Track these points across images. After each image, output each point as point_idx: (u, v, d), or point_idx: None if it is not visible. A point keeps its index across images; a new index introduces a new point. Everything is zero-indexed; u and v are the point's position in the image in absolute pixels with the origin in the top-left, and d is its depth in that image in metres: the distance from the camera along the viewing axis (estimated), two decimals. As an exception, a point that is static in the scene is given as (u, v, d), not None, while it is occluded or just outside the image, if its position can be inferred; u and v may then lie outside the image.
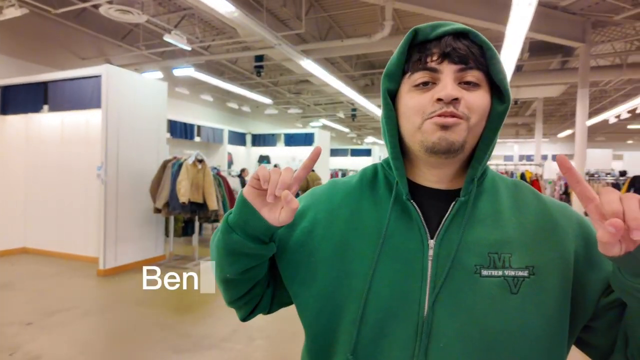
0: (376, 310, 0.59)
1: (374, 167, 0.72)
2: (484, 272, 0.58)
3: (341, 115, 12.91)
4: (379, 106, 11.14)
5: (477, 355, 0.56)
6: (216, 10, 4.58)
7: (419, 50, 0.60)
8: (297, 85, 10.55)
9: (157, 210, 5.07)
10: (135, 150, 5.18)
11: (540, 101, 12.45)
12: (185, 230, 5.75)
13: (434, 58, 0.58)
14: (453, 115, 0.56)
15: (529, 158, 17.59)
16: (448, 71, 0.58)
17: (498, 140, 0.66)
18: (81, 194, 5.40)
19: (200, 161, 5.22)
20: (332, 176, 14.15)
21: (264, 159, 12.29)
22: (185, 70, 7.35)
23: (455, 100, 0.57)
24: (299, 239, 0.67)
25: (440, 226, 0.61)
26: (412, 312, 0.58)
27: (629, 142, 20.41)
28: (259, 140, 12.36)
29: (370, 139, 21.56)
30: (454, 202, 0.62)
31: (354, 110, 12.86)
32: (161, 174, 5.12)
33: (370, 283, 0.60)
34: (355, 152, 18.20)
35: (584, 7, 6.32)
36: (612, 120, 12.84)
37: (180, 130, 9.35)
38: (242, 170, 8.92)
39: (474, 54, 0.58)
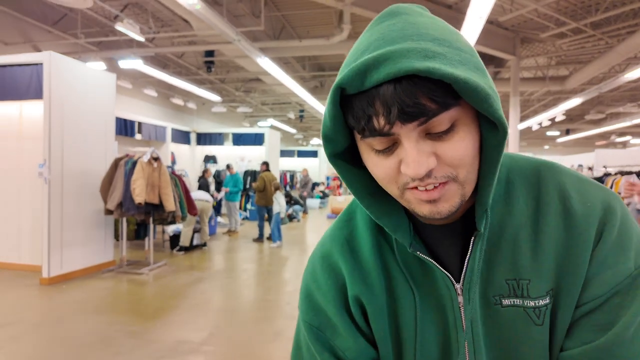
0: None
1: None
2: (505, 302, 0.51)
3: (291, 115, 12.92)
4: (329, 108, 11.36)
5: None
6: (177, 1, 4.39)
7: (357, 106, 0.44)
8: (247, 83, 10.37)
9: (109, 212, 4.72)
10: (82, 147, 4.77)
11: (473, 108, 13.48)
12: (138, 233, 5.41)
13: (382, 123, 0.42)
14: (431, 184, 0.45)
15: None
16: (407, 133, 0.43)
17: None
18: (14, 195, 4.85)
19: (156, 159, 4.95)
20: (281, 177, 14.10)
21: (210, 159, 11.89)
22: (133, 63, 6.90)
23: (428, 173, 0.44)
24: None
25: (465, 268, 0.52)
26: None
27: (546, 147, 22.84)
28: (205, 139, 11.93)
29: (315, 141, 21.80)
30: (473, 238, 0.51)
31: (302, 111, 12.94)
32: (113, 173, 4.77)
33: (418, 347, 0.55)
34: (302, 154, 18.32)
35: (515, 24, 7.00)
36: (535, 127, 14.34)
37: (120, 127, 8.73)
38: (205, 172, 8.57)
39: (434, 97, 0.41)
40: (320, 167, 18.40)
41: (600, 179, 6.20)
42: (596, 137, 18.31)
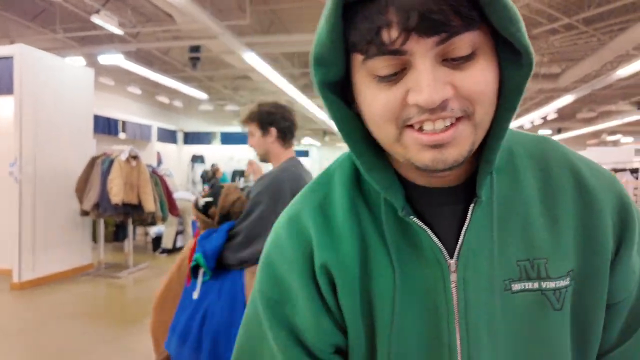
0: None
1: (352, 163, 0.50)
2: (515, 287, 0.43)
3: (280, 114, 12.74)
4: (320, 107, 11.17)
5: None
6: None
7: (365, 15, 0.36)
8: (234, 81, 10.16)
9: (85, 213, 4.49)
10: (57, 145, 4.54)
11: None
12: (117, 234, 5.19)
13: (394, 35, 0.35)
14: (445, 117, 0.37)
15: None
16: (422, 52, 0.35)
17: None
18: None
19: (135, 158, 4.73)
20: (270, 176, 13.93)
21: (197, 159, 11.67)
22: (113, 58, 6.66)
23: (443, 103, 0.37)
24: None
25: (461, 240, 0.44)
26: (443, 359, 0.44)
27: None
28: (192, 138, 11.70)
29: (307, 140, 21.61)
30: (472, 205, 0.43)
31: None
32: (89, 172, 4.54)
33: (390, 338, 0.45)
34: (293, 152, 18.14)
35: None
36: (528, 125, 14.32)
37: (103, 126, 8.47)
38: (215, 171, 8.32)
39: (461, 8, 0.34)
40: (312, 167, 18.23)
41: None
42: (588, 135, 18.40)
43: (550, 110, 11.29)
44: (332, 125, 0.47)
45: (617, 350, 0.47)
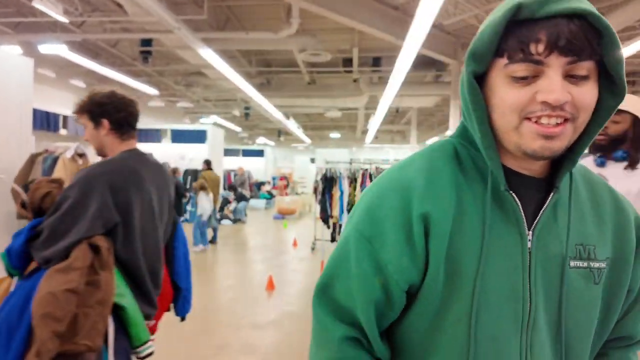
0: (487, 310, 0.57)
1: (453, 147, 0.64)
2: (572, 264, 0.59)
3: (236, 113, 12.46)
4: (276, 106, 11.09)
5: (559, 344, 0.59)
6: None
7: (521, 32, 0.50)
8: (188, 77, 9.81)
9: (23, 216, 4.11)
10: (-10, 140, 4.11)
11: (415, 110, 13.96)
12: (59, 238, 4.81)
13: (540, 49, 0.48)
14: (560, 116, 0.51)
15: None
16: (556, 65, 0.49)
17: (375, 146, 0.66)
18: None
19: (81, 155, 4.41)
20: (225, 177, 13.56)
21: (146, 157, 11.12)
22: (55, 48, 6.18)
23: (563, 103, 0.50)
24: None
25: (538, 217, 0.59)
26: (519, 309, 0.58)
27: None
28: (140, 135, 11.09)
29: (262, 140, 21.36)
30: (552, 193, 0.59)
31: (248, 108, 12.55)
32: (28, 171, 4.16)
33: (478, 281, 0.57)
34: (248, 153, 17.83)
35: (457, 28, 7.27)
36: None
37: (42, 121, 7.86)
38: (174, 171, 7.89)
39: (591, 42, 0.48)
40: (266, 167, 18.04)
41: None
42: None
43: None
44: (288, 124, 0.57)
45: (621, 324, 0.67)
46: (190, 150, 10.86)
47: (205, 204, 6.60)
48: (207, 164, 7.79)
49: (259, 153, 18.04)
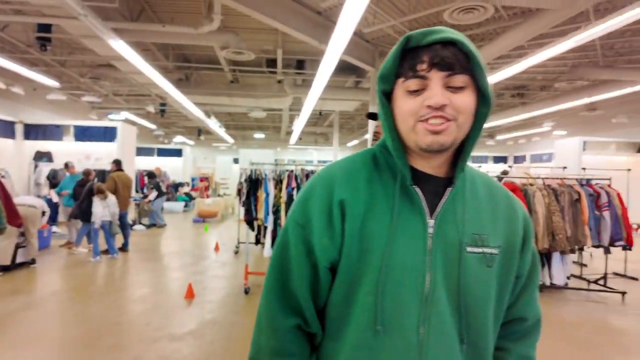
0: (392, 283, 0.69)
1: (372, 152, 0.80)
2: (469, 249, 0.71)
3: (151, 109, 11.61)
4: (195, 104, 10.57)
5: (460, 316, 0.70)
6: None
7: (411, 57, 0.67)
8: (95, 69, 8.92)
9: None
10: None
11: (337, 114, 14.36)
12: None
13: (424, 67, 0.66)
14: (442, 117, 0.66)
15: (326, 163, 20.00)
16: (436, 78, 0.66)
17: (300, 147, 0.83)
18: None
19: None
20: (137, 178, 12.57)
21: (43, 157, 9.91)
22: None
23: (443, 106, 0.66)
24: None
25: (439, 208, 0.73)
26: (419, 283, 0.69)
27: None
28: (37, 132, 9.91)
29: (179, 139, 20.21)
30: (450, 188, 0.73)
31: (164, 105, 11.81)
32: None
33: (388, 260, 0.69)
34: (164, 152, 16.76)
35: (375, 37, 7.64)
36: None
37: None
38: (88, 174, 6.94)
39: (460, 61, 0.65)
40: (184, 167, 17.15)
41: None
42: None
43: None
44: (209, 123, 0.67)
45: (514, 307, 0.81)
46: (97, 149, 9.90)
47: (98, 209, 6.00)
48: (117, 164, 7.16)
49: (177, 152, 17.08)
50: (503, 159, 18.03)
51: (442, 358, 0.69)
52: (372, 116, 1.60)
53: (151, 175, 10.28)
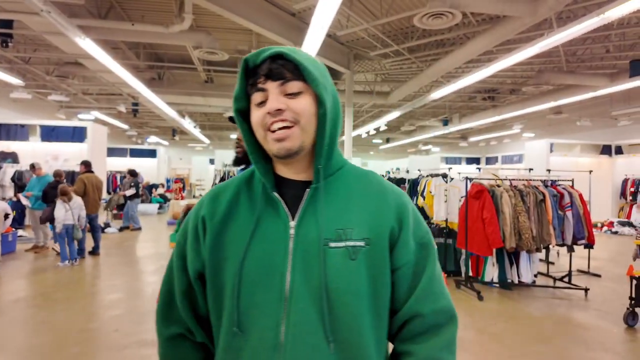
0: (246, 285, 0.72)
1: (252, 169, 0.85)
2: (332, 245, 0.72)
3: (122, 109, 11.31)
4: (168, 103, 10.37)
5: (325, 311, 0.70)
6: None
7: (252, 75, 0.74)
8: (62, 67, 8.61)
9: None
10: None
11: (314, 114, 14.34)
12: None
13: (261, 80, 0.72)
14: (283, 121, 0.71)
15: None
16: (272, 88, 0.72)
17: None
18: None
19: None
20: (109, 179, 12.22)
21: (7, 157, 9.50)
22: None
23: (279, 111, 0.71)
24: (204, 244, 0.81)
25: (299, 210, 0.75)
26: (276, 282, 0.71)
27: (371, 152, 26.11)
28: (0, 131, 9.47)
29: (153, 139, 19.74)
30: (308, 189, 0.76)
31: (136, 104, 11.52)
32: None
33: (242, 264, 0.72)
34: (136, 153, 16.37)
35: (350, 40, 7.71)
36: (364, 135, 16.15)
37: None
38: (36, 169, 6.64)
39: (290, 70, 0.72)
40: (159, 168, 16.79)
41: (417, 180, 7.35)
42: (408, 145, 21.86)
43: (381, 122, 13.03)
44: (183, 123, 0.70)
45: (405, 305, 0.76)
46: (65, 150, 9.58)
47: (60, 213, 5.78)
48: (86, 165, 6.94)
49: (151, 153, 16.72)
50: (476, 160, 18.50)
51: (304, 357, 0.68)
52: (233, 120, 1.49)
53: (133, 173, 9.96)
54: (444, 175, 6.40)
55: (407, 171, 9.54)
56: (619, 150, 12.51)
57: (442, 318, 0.76)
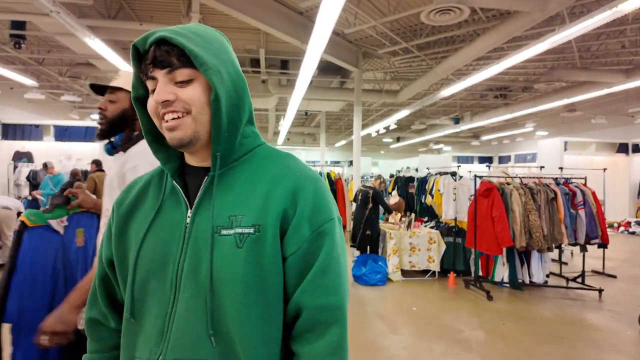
0: (141, 273, 0.73)
1: None
2: (223, 232, 0.69)
3: (132, 109, 11.44)
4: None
5: (210, 301, 0.67)
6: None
7: (142, 63, 0.70)
8: (74, 67, 8.76)
9: None
10: None
11: (323, 114, 14.37)
12: None
13: (150, 68, 0.68)
14: (174, 112, 0.68)
15: (314, 163, 19.97)
16: (160, 76, 0.67)
17: (288, 148, 0.83)
18: None
19: None
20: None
21: (22, 157, 9.68)
22: None
23: (167, 102, 0.67)
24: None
25: (197, 198, 0.73)
26: (169, 271, 0.71)
27: (382, 152, 25.99)
28: (15, 131, 9.68)
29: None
30: (206, 177, 0.73)
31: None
32: None
33: (138, 253, 0.73)
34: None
35: (358, 38, 7.66)
36: (374, 134, 16.07)
37: None
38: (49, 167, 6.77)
39: (176, 55, 0.66)
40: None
41: (425, 178, 7.27)
42: (419, 144, 21.69)
43: (391, 121, 12.94)
44: None
45: (293, 297, 0.70)
46: (78, 149, 9.73)
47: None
48: (97, 164, 7.03)
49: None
50: (488, 159, 18.25)
51: (183, 346, 0.67)
52: (94, 87, 1.41)
53: None
54: (453, 174, 6.31)
55: (417, 170, 9.43)
56: (636, 149, 12.17)
57: (327, 316, 0.68)
